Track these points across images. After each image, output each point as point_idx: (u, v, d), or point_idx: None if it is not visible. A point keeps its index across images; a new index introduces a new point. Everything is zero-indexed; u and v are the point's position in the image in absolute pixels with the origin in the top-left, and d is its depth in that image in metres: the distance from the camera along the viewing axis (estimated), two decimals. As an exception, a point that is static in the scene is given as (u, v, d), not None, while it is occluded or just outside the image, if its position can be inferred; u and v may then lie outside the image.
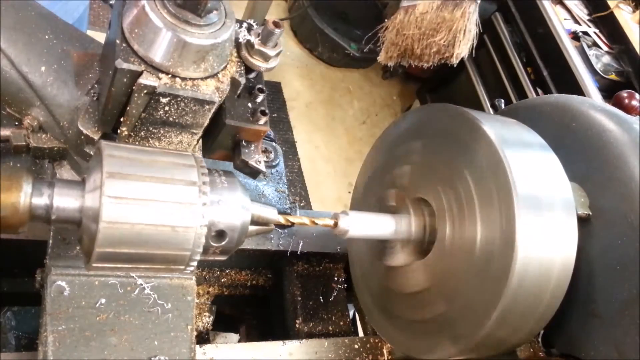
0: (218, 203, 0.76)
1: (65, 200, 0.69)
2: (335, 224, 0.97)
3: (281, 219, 0.89)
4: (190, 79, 0.81)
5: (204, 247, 0.74)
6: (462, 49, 0.82)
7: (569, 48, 3.12)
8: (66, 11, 1.77)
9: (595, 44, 3.27)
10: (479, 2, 0.83)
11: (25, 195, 0.67)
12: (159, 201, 0.70)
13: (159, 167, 0.72)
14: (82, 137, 0.88)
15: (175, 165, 0.74)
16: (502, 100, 1.36)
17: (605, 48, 3.26)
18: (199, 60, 0.79)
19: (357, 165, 1.29)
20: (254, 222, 0.83)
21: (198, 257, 0.75)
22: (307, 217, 0.96)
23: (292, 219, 0.92)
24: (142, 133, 0.86)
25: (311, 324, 1.31)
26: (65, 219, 0.70)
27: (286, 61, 4.47)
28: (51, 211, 0.69)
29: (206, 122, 0.87)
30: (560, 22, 3.25)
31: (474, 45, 0.83)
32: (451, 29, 0.84)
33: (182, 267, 0.76)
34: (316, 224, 0.95)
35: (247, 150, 0.92)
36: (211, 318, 1.34)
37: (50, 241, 0.92)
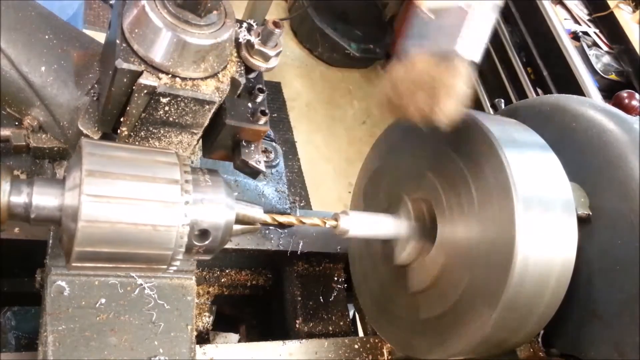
0: (201, 202, 0.75)
1: (44, 199, 0.68)
2: (325, 223, 0.95)
3: (267, 218, 0.88)
4: (190, 79, 0.81)
5: (187, 247, 0.73)
6: (448, 107, 0.78)
7: (569, 48, 3.12)
8: (60, 7, 1.75)
9: (595, 44, 3.27)
10: (474, 61, 0.79)
11: (4, 194, 0.66)
12: (140, 200, 0.69)
13: (140, 165, 0.71)
14: (82, 137, 0.88)
15: (157, 163, 0.73)
16: (502, 100, 1.36)
17: (605, 48, 3.26)
18: (199, 60, 0.79)
19: (357, 165, 1.29)
20: (239, 221, 0.82)
21: (180, 257, 0.74)
22: (295, 216, 0.94)
23: (279, 218, 0.90)
24: (142, 133, 0.86)
25: (311, 324, 1.31)
26: (45, 218, 0.69)
27: (286, 61, 4.47)
28: (30, 209, 0.68)
29: (206, 122, 0.87)
30: (560, 22, 3.25)
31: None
32: (436, 88, 0.81)
33: (165, 266, 0.74)
34: (304, 223, 0.93)
35: (247, 150, 0.92)
36: (211, 318, 1.34)
37: (50, 241, 0.92)
